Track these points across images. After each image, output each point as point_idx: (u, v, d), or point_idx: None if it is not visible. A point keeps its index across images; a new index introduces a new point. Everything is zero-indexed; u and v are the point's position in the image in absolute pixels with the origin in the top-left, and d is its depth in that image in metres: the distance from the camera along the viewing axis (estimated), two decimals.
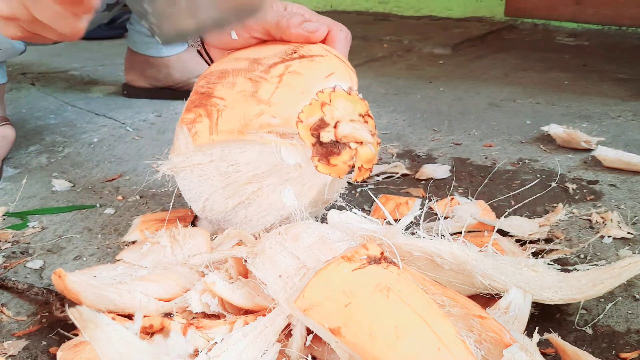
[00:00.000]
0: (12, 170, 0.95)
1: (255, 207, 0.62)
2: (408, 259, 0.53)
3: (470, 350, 0.42)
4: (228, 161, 0.60)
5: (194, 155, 0.62)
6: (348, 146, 0.56)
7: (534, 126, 1.15)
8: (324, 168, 0.56)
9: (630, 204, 0.80)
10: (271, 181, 0.60)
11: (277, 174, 0.59)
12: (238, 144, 0.59)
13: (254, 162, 0.59)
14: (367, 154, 0.57)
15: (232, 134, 0.58)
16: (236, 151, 0.60)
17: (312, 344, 0.48)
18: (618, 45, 1.99)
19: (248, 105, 0.58)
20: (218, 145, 0.60)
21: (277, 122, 0.57)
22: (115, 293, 0.53)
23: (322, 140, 0.56)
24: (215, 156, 0.61)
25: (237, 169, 0.60)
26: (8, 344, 0.54)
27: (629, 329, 0.55)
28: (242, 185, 0.61)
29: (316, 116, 0.57)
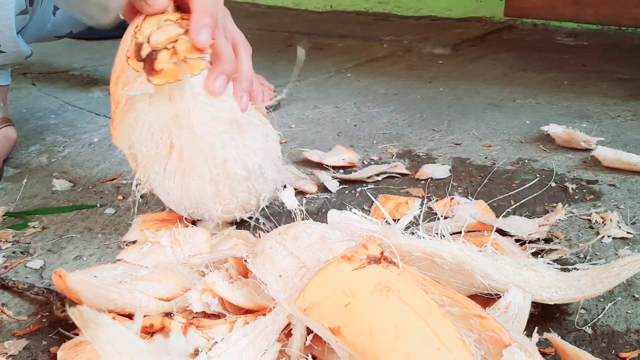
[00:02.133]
0: (12, 170, 0.95)
1: (190, 168, 0.65)
2: (408, 259, 0.53)
3: (470, 349, 0.42)
4: (142, 141, 0.64)
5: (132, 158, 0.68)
6: (163, 49, 0.58)
7: (534, 126, 1.15)
8: (156, 79, 0.57)
9: (629, 204, 0.80)
10: (175, 133, 0.63)
11: (168, 122, 0.63)
12: (127, 118, 0.64)
13: (151, 126, 0.63)
14: (183, 45, 0.58)
15: (114, 111, 0.64)
16: (137, 127, 0.64)
17: (312, 344, 0.48)
18: (617, 45, 1.99)
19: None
20: (123, 131, 0.65)
21: (117, 73, 0.62)
22: (115, 293, 0.53)
23: (144, 57, 0.58)
24: (135, 145, 0.66)
25: (151, 143, 0.64)
26: (9, 343, 0.54)
27: (629, 328, 0.56)
28: (169, 155, 0.65)
29: (132, 44, 0.59)
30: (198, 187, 0.66)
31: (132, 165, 0.70)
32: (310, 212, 0.79)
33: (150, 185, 0.69)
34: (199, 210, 0.69)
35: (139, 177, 0.69)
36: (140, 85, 0.60)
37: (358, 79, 1.55)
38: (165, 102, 0.62)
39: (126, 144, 0.66)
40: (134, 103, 0.63)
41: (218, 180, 0.66)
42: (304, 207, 0.60)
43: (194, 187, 0.66)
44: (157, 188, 0.69)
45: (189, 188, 0.66)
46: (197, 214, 0.71)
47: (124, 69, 0.61)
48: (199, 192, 0.67)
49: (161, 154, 0.64)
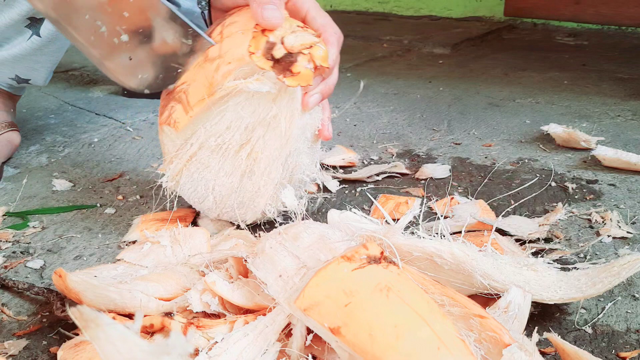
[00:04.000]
0: (12, 170, 0.95)
1: (258, 169, 0.65)
2: (408, 258, 0.53)
3: (470, 349, 0.42)
4: (214, 134, 0.64)
5: (184, 148, 0.65)
6: (301, 53, 0.60)
7: (534, 126, 1.15)
8: (291, 80, 0.59)
9: (629, 204, 0.80)
10: (258, 134, 0.63)
11: (258, 122, 0.63)
12: (214, 108, 0.62)
13: (234, 122, 0.63)
14: (320, 52, 0.61)
15: (203, 100, 0.62)
16: (215, 120, 0.63)
17: (312, 344, 0.48)
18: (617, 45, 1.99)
19: (205, 69, 0.63)
20: (198, 121, 0.63)
21: (233, 66, 0.61)
22: (115, 292, 0.53)
23: (277, 58, 0.59)
24: (201, 137, 0.64)
25: (224, 138, 0.63)
26: (9, 343, 0.54)
27: (629, 328, 0.56)
28: (236, 153, 0.64)
29: (262, 42, 0.60)
30: (255, 187, 0.66)
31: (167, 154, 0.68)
32: (310, 212, 0.79)
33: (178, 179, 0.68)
34: (240, 210, 0.69)
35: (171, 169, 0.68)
36: (264, 81, 0.60)
37: (358, 78, 1.55)
38: (268, 102, 0.62)
39: (190, 132, 0.65)
40: (231, 97, 0.62)
41: (282, 184, 0.67)
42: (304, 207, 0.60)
43: (250, 187, 0.66)
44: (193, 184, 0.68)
45: (244, 187, 0.66)
46: (228, 215, 0.70)
47: (242, 62, 0.61)
48: (253, 193, 0.66)
49: (228, 150, 0.64)
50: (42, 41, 0.91)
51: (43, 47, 0.92)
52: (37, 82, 0.99)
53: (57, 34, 0.91)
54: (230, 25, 0.64)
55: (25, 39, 0.91)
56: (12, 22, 0.89)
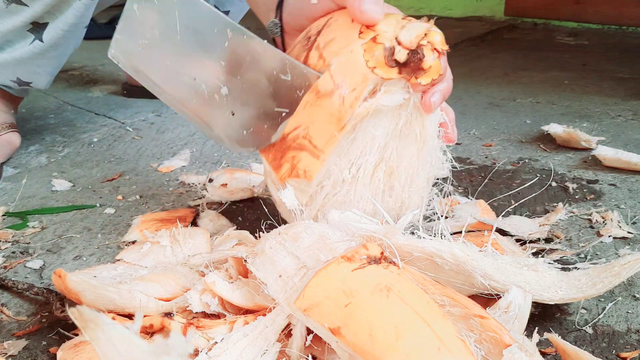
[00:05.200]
0: (12, 170, 0.95)
1: (398, 182, 0.60)
2: (408, 259, 0.53)
3: (470, 350, 0.42)
4: (346, 166, 0.58)
5: (316, 194, 0.60)
6: (422, 46, 0.54)
7: (534, 126, 1.15)
8: (425, 78, 0.54)
9: (630, 204, 0.80)
10: (390, 148, 0.58)
11: (390, 136, 0.57)
12: (343, 140, 0.56)
13: (367, 145, 0.57)
14: (437, 37, 0.55)
15: (334, 138, 0.56)
16: (345, 150, 0.57)
17: (312, 344, 0.48)
18: (618, 44, 1.99)
19: (323, 106, 0.56)
20: (329, 159, 0.57)
21: (359, 90, 0.54)
22: (115, 293, 0.53)
23: (402, 61, 0.54)
24: (334, 173, 0.58)
25: (358, 165, 0.58)
26: (8, 343, 0.54)
27: (629, 328, 0.55)
28: (372, 176, 0.59)
29: (379, 49, 0.54)
30: (397, 202, 0.61)
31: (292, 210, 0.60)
32: None
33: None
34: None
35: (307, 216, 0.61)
36: (395, 92, 0.55)
37: None
38: (395, 111, 0.56)
39: (322, 175, 0.58)
40: (357, 124, 0.56)
41: (423, 187, 0.62)
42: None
43: (393, 203, 0.61)
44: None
45: (386, 206, 0.60)
46: None
47: (367, 82, 0.54)
48: (397, 209, 0.61)
49: (363, 176, 0.58)
50: (45, 46, 0.91)
51: (45, 52, 0.92)
52: (38, 85, 0.99)
53: (60, 40, 0.91)
54: (328, 45, 0.57)
55: (28, 43, 0.90)
56: (14, 27, 0.89)
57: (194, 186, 0.88)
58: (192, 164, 0.98)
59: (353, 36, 0.55)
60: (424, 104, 0.56)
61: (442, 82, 0.56)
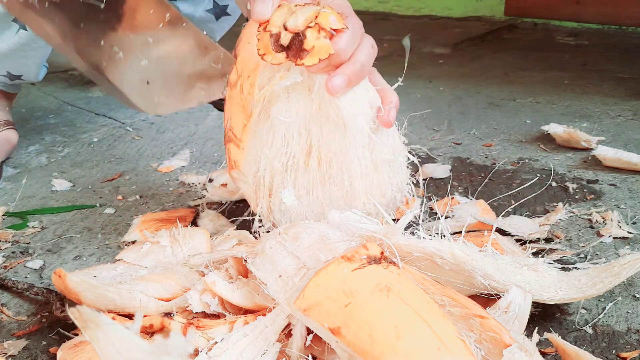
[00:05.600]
0: (12, 170, 0.95)
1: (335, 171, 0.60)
2: (408, 259, 0.53)
3: (470, 350, 0.42)
4: (275, 155, 0.60)
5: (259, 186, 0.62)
6: (308, 28, 0.54)
7: (534, 125, 1.15)
8: (309, 59, 0.54)
9: (630, 203, 0.80)
10: (315, 134, 0.59)
11: (308, 120, 0.58)
12: (260, 129, 0.59)
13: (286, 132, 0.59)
14: (328, 18, 0.55)
15: (246, 126, 0.59)
16: (269, 140, 0.59)
17: (312, 344, 0.48)
18: (618, 44, 1.99)
19: (233, 97, 0.61)
20: (253, 150, 0.60)
21: (253, 77, 0.58)
22: (115, 293, 0.53)
23: (286, 44, 0.55)
24: (266, 164, 0.60)
25: (286, 153, 0.59)
26: (8, 343, 0.54)
27: (629, 328, 0.55)
28: (307, 166, 0.60)
29: (266, 37, 0.56)
30: (342, 192, 0.61)
31: (251, 199, 0.64)
32: None
33: (272, 218, 0.63)
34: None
35: (261, 208, 0.63)
36: (288, 75, 0.57)
37: None
38: (305, 95, 0.57)
39: (253, 167, 0.61)
40: (268, 109, 0.58)
41: (367, 174, 0.62)
42: None
43: (338, 193, 0.61)
44: (286, 215, 0.62)
45: (333, 197, 0.61)
46: None
47: (258, 69, 0.58)
48: (345, 198, 0.62)
49: (297, 166, 0.60)
50: (30, 35, 0.90)
51: (31, 42, 0.91)
52: (29, 77, 0.98)
53: None
54: (240, 40, 0.63)
55: (13, 34, 0.90)
56: None
57: (194, 186, 0.88)
58: (192, 164, 0.97)
59: (254, 29, 0.58)
60: (326, 87, 0.56)
61: (348, 64, 0.56)
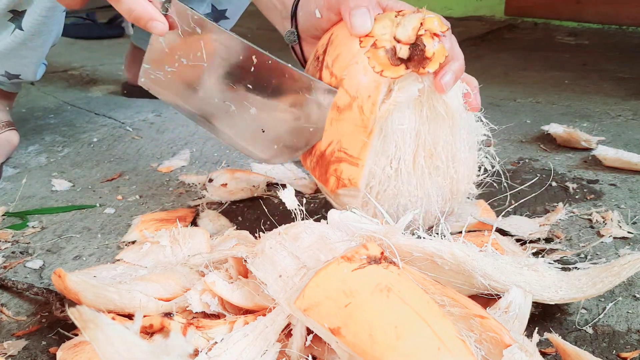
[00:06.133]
0: (11, 170, 0.95)
1: (441, 162, 0.63)
2: (408, 259, 0.53)
3: (470, 350, 0.42)
4: (387, 162, 0.61)
5: (370, 195, 0.63)
6: (421, 36, 0.56)
7: (534, 125, 1.14)
8: (432, 65, 0.56)
9: (630, 203, 0.80)
10: (423, 133, 0.60)
11: (418, 123, 0.60)
12: (374, 142, 0.60)
13: (398, 138, 0.60)
14: (433, 22, 0.57)
15: (365, 144, 0.60)
16: (381, 149, 0.61)
17: (312, 344, 0.48)
18: (618, 44, 1.99)
19: (347, 120, 0.61)
20: (369, 164, 0.61)
21: (374, 96, 0.58)
22: (115, 293, 0.52)
23: (405, 57, 0.56)
24: (377, 172, 0.61)
25: (397, 158, 0.61)
26: (8, 343, 0.54)
27: (630, 328, 0.55)
28: (415, 164, 0.62)
29: (381, 53, 0.57)
30: (446, 179, 0.64)
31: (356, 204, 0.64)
32: (310, 212, 0.79)
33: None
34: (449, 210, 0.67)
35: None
36: (409, 85, 0.57)
37: None
38: (414, 101, 0.59)
39: (366, 179, 0.62)
40: (383, 123, 0.59)
41: (466, 157, 0.64)
42: (304, 207, 0.60)
43: (442, 180, 0.64)
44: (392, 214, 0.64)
45: (438, 185, 0.64)
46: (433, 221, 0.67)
47: (379, 87, 0.58)
48: (450, 184, 0.64)
49: (406, 167, 0.61)
50: (26, 35, 0.90)
51: (27, 41, 0.91)
52: (27, 77, 0.98)
53: (39, 28, 0.90)
54: (336, 61, 0.61)
55: (9, 33, 0.90)
56: None
57: (194, 186, 0.88)
58: (192, 164, 0.97)
59: (355, 47, 0.59)
60: (437, 87, 0.58)
61: (454, 62, 0.59)
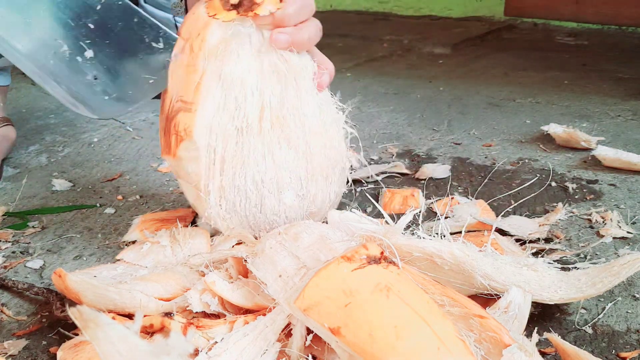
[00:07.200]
0: (12, 170, 0.95)
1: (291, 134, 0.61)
2: (408, 259, 0.53)
3: (470, 349, 0.42)
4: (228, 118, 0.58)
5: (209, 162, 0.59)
6: None
7: (534, 126, 1.15)
8: (261, 9, 0.56)
9: (629, 204, 0.80)
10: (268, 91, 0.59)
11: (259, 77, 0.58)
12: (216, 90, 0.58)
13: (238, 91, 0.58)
14: None
15: (197, 84, 0.57)
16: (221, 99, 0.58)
17: (312, 344, 0.48)
18: (618, 44, 1.99)
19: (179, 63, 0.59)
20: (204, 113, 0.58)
21: (203, 34, 0.57)
22: (115, 292, 0.53)
23: (236, 2, 0.57)
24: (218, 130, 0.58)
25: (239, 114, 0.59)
26: (8, 343, 0.54)
27: (629, 328, 0.56)
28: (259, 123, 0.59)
29: (216, 1, 0.57)
30: (297, 149, 0.62)
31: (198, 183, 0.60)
32: None
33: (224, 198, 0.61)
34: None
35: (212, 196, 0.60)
36: (242, 32, 0.57)
37: (358, 78, 1.55)
38: (255, 56, 0.58)
39: (205, 135, 0.58)
40: (220, 70, 0.58)
41: (320, 132, 0.64)
42: None
43: (294, 154, 0.61)
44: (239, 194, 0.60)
45: (287, 158, 0.61)
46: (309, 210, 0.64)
47: (207, 28, 0.57)
48: (300, 155, 0.61)
49: (250, 129, 0.59)
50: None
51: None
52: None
53: None
54: (184, 24, 0.61)
55: None
56: None
57: None
58: None
59: (200, 8, 0.59)
60: (272, 39, 0.58)
61: (294, 29, 0.59)
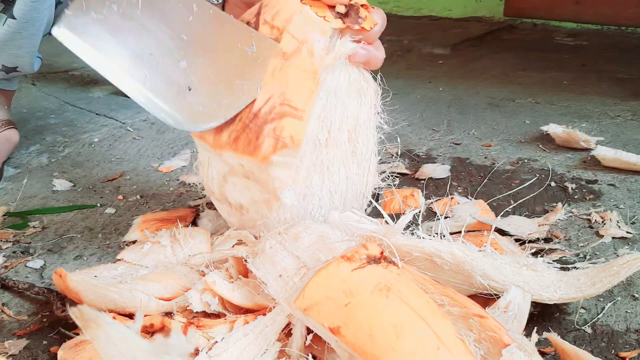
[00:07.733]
0: (12, 170, 0.95)
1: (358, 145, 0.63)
2: (408, 258, 0.54)
3: (470, 349, 0.42)
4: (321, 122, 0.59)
5: (301, 167, 0.59)
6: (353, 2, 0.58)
7: (533, 126, 1.15)
8: (365, 23, 0.58)
9: (629, 204, 0.80)
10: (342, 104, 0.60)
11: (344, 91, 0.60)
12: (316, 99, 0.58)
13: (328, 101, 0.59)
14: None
15: (312, 92, 0.57)
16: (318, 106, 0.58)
17: (312, 344, 0.48)
18: (617, 45, 1.99)
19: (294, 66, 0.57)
20: (312, 118, 0.58)
21: (323, 40, 0.57)
22: (115, 292, 0.53)
23: (343, 12, 0.58)
24: (311, 135, 0.59)
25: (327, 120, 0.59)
26: (9, 343, 0.54)
27: (628, 328, 0.56)
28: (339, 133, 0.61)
29: (319, 7, 0.58)
30: (360, 165, 0.63)
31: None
32: None
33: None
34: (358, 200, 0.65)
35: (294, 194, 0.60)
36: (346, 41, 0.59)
37: None
38: (344, 67, 0.59)
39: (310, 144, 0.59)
40: (326, 78, 0.58)
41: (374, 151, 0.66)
42: None
43: (356, 169, 0.63)
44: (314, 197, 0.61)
45: (348, 174, 0.62)
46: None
47: (325, 35, 0.57)
48: (360, 171, 0.63)
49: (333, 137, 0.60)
50: (19, 23, 0.89)
51: (21, 30, 0.90)
52: (24, 68, 0.97)
53: (31, 15, 0.89)
54: (276, 16, 0.58)
55: (1, 24, 0.88)
56: None
57: (194, 186, 0.88)
58: (193, 164, 0.98)
59: (296, 3, 0.58)
60: (356, 55, 0.59)
61: (377, 48, 0.61)
